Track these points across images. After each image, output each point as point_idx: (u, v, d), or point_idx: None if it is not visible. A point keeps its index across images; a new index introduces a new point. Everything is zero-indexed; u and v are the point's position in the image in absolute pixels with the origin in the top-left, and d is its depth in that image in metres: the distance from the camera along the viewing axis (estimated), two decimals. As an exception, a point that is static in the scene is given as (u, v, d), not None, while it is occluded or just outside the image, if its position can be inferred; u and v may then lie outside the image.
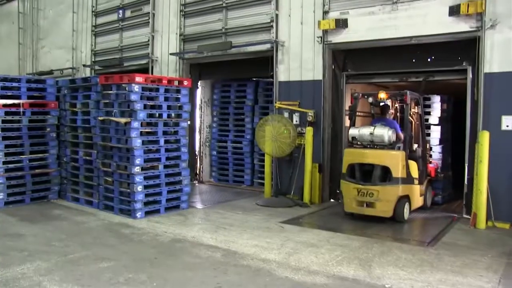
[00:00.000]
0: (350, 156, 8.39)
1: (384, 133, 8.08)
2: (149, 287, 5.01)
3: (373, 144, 8.26)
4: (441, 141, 10.06)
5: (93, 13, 15.05)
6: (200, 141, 13.16)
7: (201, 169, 13.14)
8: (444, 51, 8.88)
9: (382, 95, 8.38)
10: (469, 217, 8.02)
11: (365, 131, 8.29)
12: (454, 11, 8.21)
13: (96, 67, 14.94)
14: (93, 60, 15.13)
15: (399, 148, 8.25)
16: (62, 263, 5.73)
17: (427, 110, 9.92)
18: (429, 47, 8.98)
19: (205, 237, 7.00)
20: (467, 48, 8.40)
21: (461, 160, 8.80)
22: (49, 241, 6.71)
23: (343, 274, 5.43)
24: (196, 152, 13.03)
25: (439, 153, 9.99)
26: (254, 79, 12.37)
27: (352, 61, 10.16)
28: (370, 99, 8.70)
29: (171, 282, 5.21)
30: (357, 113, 9.42)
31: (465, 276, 5.45)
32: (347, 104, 9.95)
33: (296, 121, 10.21)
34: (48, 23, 17.08)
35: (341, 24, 9.51)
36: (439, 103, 10.04)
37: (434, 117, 10.03)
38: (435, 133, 10.00)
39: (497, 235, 7.37)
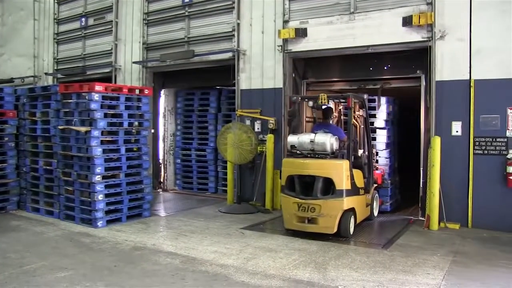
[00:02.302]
0: (289, 166, 7.62)
1: (326, 140, 7.44)
2: (106, 295, 5.03)
3: (314, 153, 7.59)
4: (388, 145, 9.60)
5: (55, 20, 14.82)
6: (164, 150, 13.15)
7: (165, 177, 13.12)
8: (399, 59, 9.22)
9: (322, 98, 7.59)
10: (424, 219, 8.32)
11: (305, 138, 7.63)
12: (407, 21, 8.55)
13: (59, 76, 14.71)
14: (55, 68, 14.89)
15: (342, 156, 7.64)
16: (17, 275, 5.63)
17: (372, 112, 9.43)
18: (385, 56, 9.30)
19: (165, 244, 7.03)
20: (420, 57, 8.74)
21: (410, 163, 8.94)
22: (4, 253, 6.55)
23: (298, 277, 5.56)
24: (160, 161, 13.01)
25: (386, 158, 9.52)
26: (217, 87, 12.46)
27: (312, 69, 10.41)
28: (311, 103, 7.94)
29: (129, 289, 5.22)
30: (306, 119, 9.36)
31: (414, 274, 5.71)
32: (307, 111, 9.55)
33: (258, 128, 10.34)
34: (7, 29, 16.59)
35: (301, 33, 9.72)
36: (386, 105, 9.56)
37: (380, 120, 9.54)
38: (381, 137, 9.52)
39: (448, 235, 7.71)
